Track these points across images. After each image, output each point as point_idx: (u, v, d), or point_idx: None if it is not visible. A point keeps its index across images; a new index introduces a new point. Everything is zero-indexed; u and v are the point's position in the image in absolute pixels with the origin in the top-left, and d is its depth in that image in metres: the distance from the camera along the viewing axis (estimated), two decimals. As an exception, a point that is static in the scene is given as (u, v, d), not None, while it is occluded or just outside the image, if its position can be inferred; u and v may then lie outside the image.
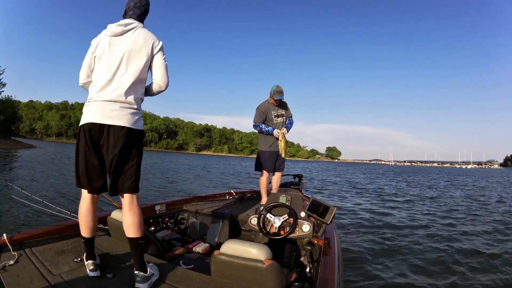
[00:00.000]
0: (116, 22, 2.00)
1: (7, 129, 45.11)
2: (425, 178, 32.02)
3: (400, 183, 23.13)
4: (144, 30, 2.02)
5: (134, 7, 2.07)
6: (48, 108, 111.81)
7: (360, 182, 22.36)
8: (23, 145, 40.44)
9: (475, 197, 14.67)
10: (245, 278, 1.88)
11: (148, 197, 9.07)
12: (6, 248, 2.01)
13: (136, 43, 1.95)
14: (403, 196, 13.79)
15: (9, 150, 31.15)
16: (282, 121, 4.25)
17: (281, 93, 4.05)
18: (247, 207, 4.05)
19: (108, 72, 1.90)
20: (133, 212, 1.91)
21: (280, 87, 4.08)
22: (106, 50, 1.94)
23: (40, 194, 7.49)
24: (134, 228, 1.90)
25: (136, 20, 2.04)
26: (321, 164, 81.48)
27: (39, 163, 18.54)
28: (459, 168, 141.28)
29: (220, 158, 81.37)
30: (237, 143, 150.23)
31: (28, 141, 52.91)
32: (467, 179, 32.22)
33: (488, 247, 5.72)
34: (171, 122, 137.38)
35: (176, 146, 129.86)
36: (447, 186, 21.55)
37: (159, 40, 2.04)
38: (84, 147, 1.88)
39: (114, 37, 1.96)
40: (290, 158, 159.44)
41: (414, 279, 4.11)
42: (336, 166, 74.29)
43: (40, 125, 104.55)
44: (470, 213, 9.74)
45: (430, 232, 6.72)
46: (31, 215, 5.54)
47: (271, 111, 4.19)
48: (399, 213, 9.22)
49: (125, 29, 1.97)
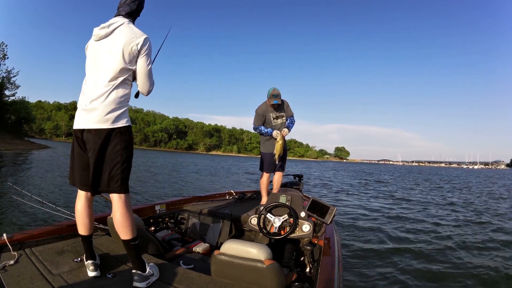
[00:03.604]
0: (101, 24, 1.94)
1: (20, 129, 46.00)
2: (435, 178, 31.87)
3: (405, 182, 23.11)
4: (129, 28, 1.93)
5: (124, 3, 2.01)
6: (57, 109, 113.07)
7: (360, 182, 22.38)
8: (38, 146, 41.15)
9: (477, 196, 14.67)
10: (245, 278, 1.88)
11: (148, 197, 9.13)
12: (6, 248, 2.01)
13: (117, 43, 1.88)
14: (405, 197, 13.72)
15: (26, 150, 31.72)
16: (282, 122, 4.19)
17: (277, 96, 3.97)
18: (247, 207, 4.05)
19: (91, 76, 1.90)
20: (121, 214, 1.87)
21: (276, 90, 3.99)
22: (90, 55, 1.95)
23: (50, 195, 7.65)
24: (124, 230, 1.87)
25: (123, 17, 1.97)
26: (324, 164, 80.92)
27: (57, 163, 18.77)
28: (466, 169, 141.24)
29: (230, 158, 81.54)
30: (246, 143, 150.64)
31: (39, 141, 53.75)
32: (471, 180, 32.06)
33: (488, 247, 5.71)
34: (181, 123, 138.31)
35: (186, 146, 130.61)
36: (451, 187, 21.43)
37: (144, 36, 1.93)
38: (75, 149, 1.94)
39: (99, 41, 1.92)
40: (299, 158, 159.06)
41: (414, 279, 4.10)
42: (345, 166, 73.70)
43: (49, 125, 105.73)
44: (471, 213, 9.75)
45: (430, 232, 6.72)
46: (31, 215, 5.58)
47: (269, 113, 4.14)
48: (399, 213, 9.20)
49: (108, 31, 1.91)
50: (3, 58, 41.21)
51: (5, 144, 31.93)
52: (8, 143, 33.18)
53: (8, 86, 42.78)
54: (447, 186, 21.57)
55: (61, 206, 2.90)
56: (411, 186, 20.09)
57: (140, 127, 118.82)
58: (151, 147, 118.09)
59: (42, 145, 43.33)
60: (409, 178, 29.47)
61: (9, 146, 31.70)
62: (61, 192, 8.69)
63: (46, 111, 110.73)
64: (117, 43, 1.88)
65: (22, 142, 39.46)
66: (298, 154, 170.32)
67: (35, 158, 22.98)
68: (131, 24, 1.99)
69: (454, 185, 22.94)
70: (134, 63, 1.93)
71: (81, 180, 1.93)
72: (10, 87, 43.13)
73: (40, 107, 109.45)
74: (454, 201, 12.16)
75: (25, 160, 20.70)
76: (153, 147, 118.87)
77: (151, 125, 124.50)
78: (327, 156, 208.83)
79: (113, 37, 1.90)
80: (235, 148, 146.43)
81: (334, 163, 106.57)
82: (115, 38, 1.90)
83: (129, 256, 1.91)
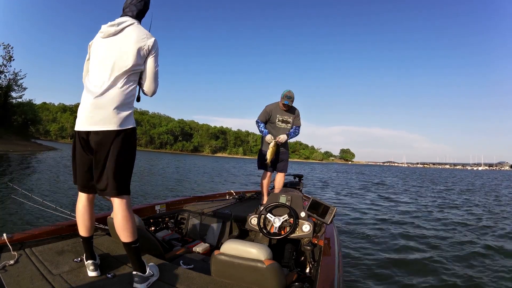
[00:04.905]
0: (109, 22, 1.92)
1: (26, 131, 46.48)
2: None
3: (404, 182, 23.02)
4: (138, 28, 1.93)
5: (130, 4, 2.00)
6: (62, 110, 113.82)
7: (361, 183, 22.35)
8: (46, 147, 41.60)
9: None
10: (245, 278, 1.88)
11: (148, 197, 9.16)
12: (6, 248, 2.02)
13: (127, 43, 1.86)
14: (405, 197, 13.73)
15: (34, 152, 32.03)
16: (286, 127, 4.18)
17: (290, 98, 3.99)
18: (247, 207, 4.05)
19: (97, 76, 1.86)
20: (122, 216, 1.85)
21: (291, 92, 4.02)
22: (97, 52, 1.90)
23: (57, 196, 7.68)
24: (125, 233, 1.85)
25: (131, 18, 1.96)
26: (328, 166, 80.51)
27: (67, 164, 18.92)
28: (471, 170, 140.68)
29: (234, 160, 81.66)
30: (252, 145, 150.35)
31: (45, 143, 54.32)
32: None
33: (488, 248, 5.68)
34: (186, 125, 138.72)
35: (192, 148, 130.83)
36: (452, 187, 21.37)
37: (154, 38, 1.93)
38: (77, 149, 1.91)
39: (107, 38, 1.90)
40: (304, 160, 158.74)
41: (414, 279, 4.08)
42: (350, 168, 73.39)
43: (54, 127, 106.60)
44: (473, 212, 9.77)
45: (430, 233, 6.70)
46: (31, 215, 5.60)
47: (276, 114, 4.14)
48: (399, 213, 9.20)
49: (118, 29, 1.88)
50: (9, 60, 41.75)
51: (13, 145, 32.35)
52: (16, 145, 33.59)
53: (15, 88, 43.32)
54: (453, 187, 21.42)
55: (61, 206, 2.91)
56: (413, 187, 19.94)
57: (146, 129, 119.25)
58: (156, 149, 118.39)
59: (49, 147, 43.79)
60: (413, 178, 29.27)
61: (18, 148, 32.09)
62: (73, 192, 8.72)
63: (51, 113, 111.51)
64: (128, 42, 1.86)
65: (30, 144, 39.93)
66: (303, 156, 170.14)
67: (44, 159, 23.25)
68: (140, 25, 1.99)
69: (459, 186, 22.76)
70: (143, 64, 1.92)
71: (82, 181, 1.92)
72: (17, 89, 43.69)
73: (45, 108, 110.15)
74: (457, 204, 12.04)
75: (35, 161, 20.98)
76: (158, 149, 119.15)
77: (157, 127, 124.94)
78: (332, 158, 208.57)
79: (123, 36, 1.89)
80: (240, 150, 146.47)
81: (338, 165, 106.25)
82: (125, 37, 1.88)
83: (129, 257, 1.91)
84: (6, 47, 41.42)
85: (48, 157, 25.47)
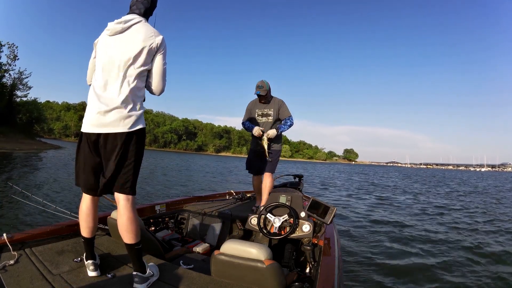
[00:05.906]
0: (116, 20, 1.89)
1: (31, 130, 46.76)
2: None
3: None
4: (146, 26, 1.90)
5: (137, 1, 1.97)
6: (66, 109, 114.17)
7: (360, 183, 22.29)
8: (51, 146, 41.76)
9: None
10: (245, 278, 1.88)
11: (148, 197, 9.20)
12: (6, 248, 2.01)
13: (135, 41, 1.83)
14: (407, 198, 13.66)
15: (40, 150, 32.24)
16: (267, 121, 3.87)
17: (262, 88, 3.70)
18: (247, 207, 4.05)
19: (104, 75, 1.83)
20: (127, 218, 1.84)
21: (262, 81, 3.74)
22: (104, 51, 1.87)
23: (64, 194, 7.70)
24: (129, 235, 1.84)
25: (138, 15, 1.93)
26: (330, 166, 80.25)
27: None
28: (474, 171, 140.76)
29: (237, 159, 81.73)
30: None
31: (49, 141, 54.62)
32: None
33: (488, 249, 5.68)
34: (190, 124, 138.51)
35: (196, 148, 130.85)
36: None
37: (162, 36, 1.91)
38: (84, 151, 1.89)
39: (114, 36, 1.87)
40: (308, 160, 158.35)
41: (414, 279, 4.08)
42: (352, 168, 73.01)
43: (58, 125, 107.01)
44: (473, 212, 9.80)
45: (431, 234, 6.69)
46: (31, 215, 5.61)
47: (255, 109, 3.91)
48: (399, 213, 9.19)
49: (125, 26, 1.85)
50: (14, 59, 41.98)
51: (18, 144, 32.53)
52: (21, 143, 33.78)
53: (20, 87, 43.66)
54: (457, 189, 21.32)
55: (61, 206, 2.91)
56: (416, 189, 19.82)
57: (150, 128, 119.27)
58: (160, 148, 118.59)
59: (54, 145, 43.95)
60: (416, 180, 29.11)
61: (23, 146, 32.22)
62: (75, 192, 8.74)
63: (55, 111, 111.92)
64: (136, 40, 1.83)
65: (35, 142, 40.16)
66: (307, 156, 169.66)
67: (50, 157, 23.41)
68: (147, 23, 1.96)
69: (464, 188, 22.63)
70: (151, 62, 1.90)
71: (88, 183, 1.90)
72: (22, 88, 44.01)
73: (49, 107, 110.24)
74: (457, 207, 11.91)
75: (41, 160, 21.09)
76: (162, 148, 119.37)
77: (161, 126, 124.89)
78: (336, 158, 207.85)
79: (131, 34, 1.86)
80: (244, 149, 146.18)
81: (341, 165, 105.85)
82: (133, 34, 1.85)
83: (130, 258, 1.90)
84: (11, 46, 41.66)
85: (54, 156, 25.59)
